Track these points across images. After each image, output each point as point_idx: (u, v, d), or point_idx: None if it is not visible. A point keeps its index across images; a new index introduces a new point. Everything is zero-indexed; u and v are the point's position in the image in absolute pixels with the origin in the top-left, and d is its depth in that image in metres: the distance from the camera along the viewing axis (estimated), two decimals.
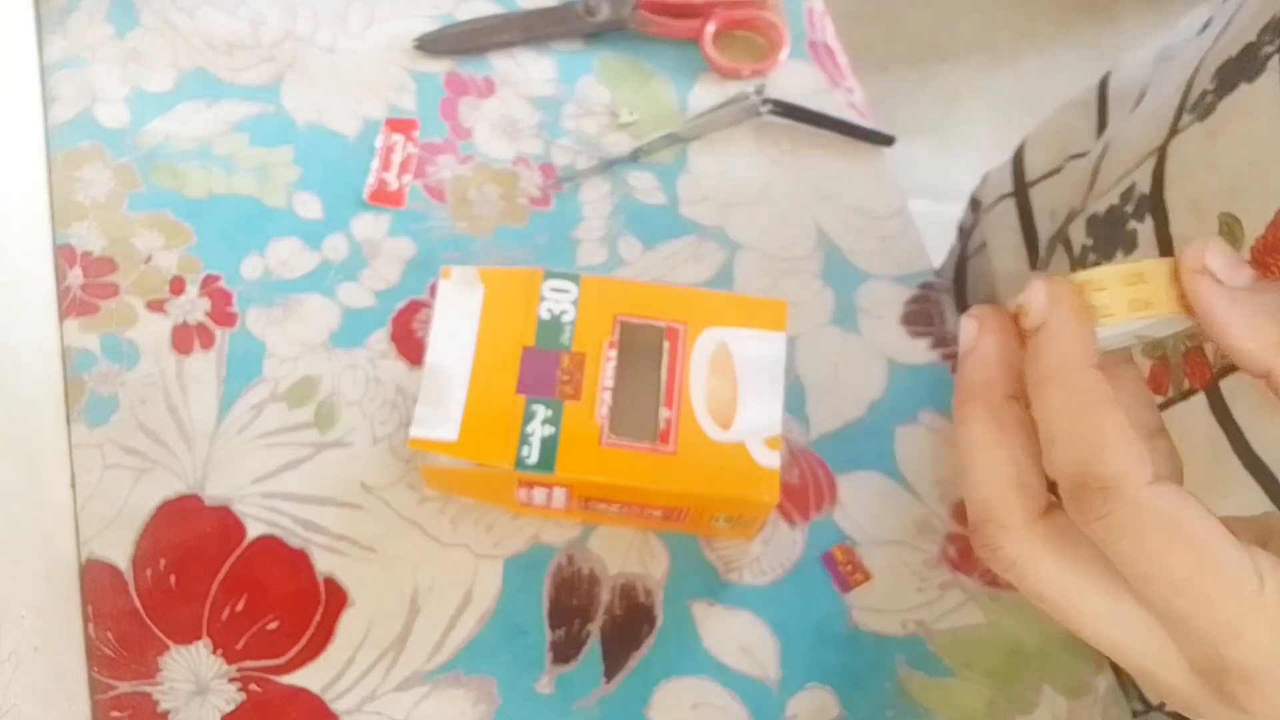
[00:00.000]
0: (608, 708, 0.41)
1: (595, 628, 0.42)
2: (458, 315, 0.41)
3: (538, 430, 0.39)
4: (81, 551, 0.42)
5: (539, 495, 0.41)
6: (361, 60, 0.54)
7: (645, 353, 0.41)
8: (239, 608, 0.41)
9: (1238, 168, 0.33)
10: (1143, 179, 0.38)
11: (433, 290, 0.48)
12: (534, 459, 0.38)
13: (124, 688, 0.40)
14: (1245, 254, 0.33)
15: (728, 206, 0.52)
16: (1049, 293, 0.24)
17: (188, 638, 0.41)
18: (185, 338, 0.46)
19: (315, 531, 0.43)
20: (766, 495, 0.39)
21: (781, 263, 0.51)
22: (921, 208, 0.54)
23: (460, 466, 0.39)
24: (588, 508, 0.42)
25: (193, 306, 0.47)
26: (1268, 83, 0.33)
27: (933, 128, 1.46)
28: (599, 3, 0.55)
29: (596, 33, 0.55)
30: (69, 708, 0.38)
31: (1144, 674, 0.23)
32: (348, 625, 0.42)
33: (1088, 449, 0.22)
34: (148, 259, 0.47)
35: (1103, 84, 0.51)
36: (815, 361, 0.48)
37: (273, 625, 0.41)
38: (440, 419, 0.39)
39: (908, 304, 0.50)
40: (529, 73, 0.54)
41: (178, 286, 0.47)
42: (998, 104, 1.48)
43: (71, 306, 0.46)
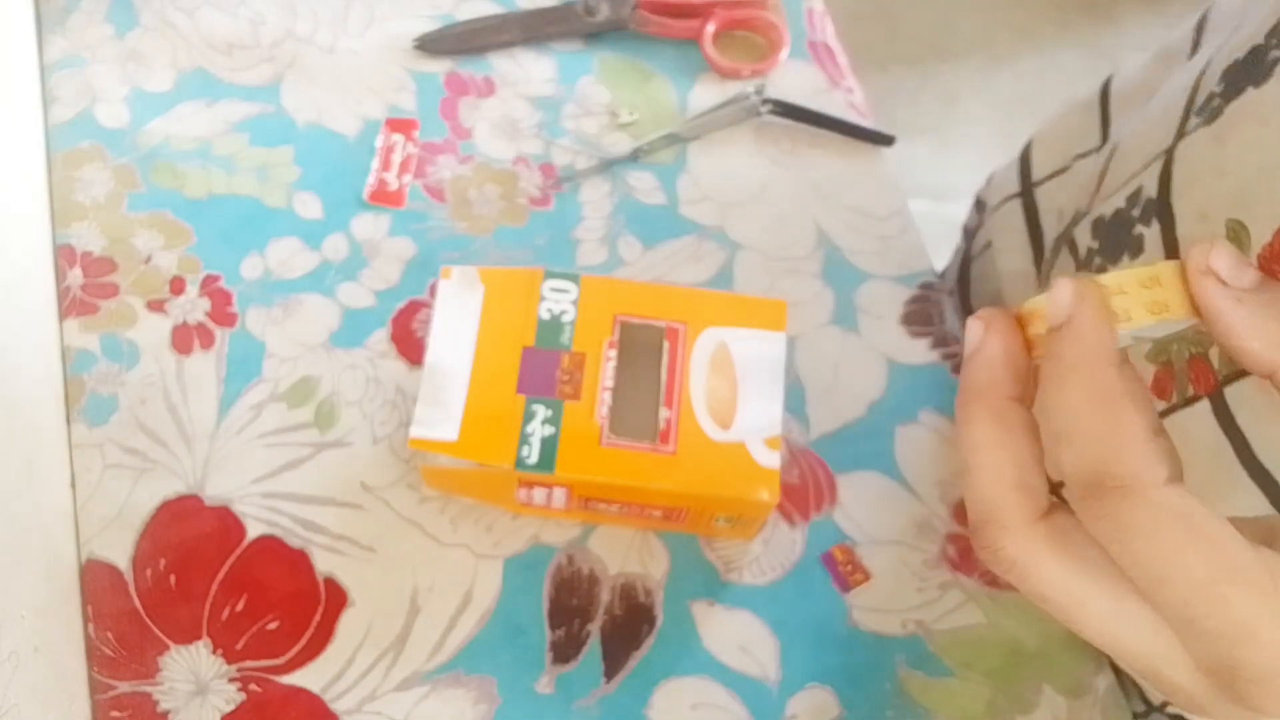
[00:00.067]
0: (608, 708, 0.41)
1: (595, 628, 0.42)
2: (458, 315, 0.41)
3: (538, 430, 0.39)
4: (81, 551, 0.42)
5: (539, 495, 0.41)
6: (361, 60, 0.54)
7: (645, 353, 0.41)
8: (239, 608, 0.41)
9: (1246, 174, 0.33)
10: (1150, 182, 0.38)
11: (433, 290, 0.48)
12: (534, 459, 0.38)
13: (124, 688, 0.40)
14: (1252, 261, 0.33)
15: (728, 206, 0.52)
16: (1076, 290, 0.23)
17: (188, 638, 0.41)
18: (185, 338, 0.46)
19: (315, 531, 0.43)
20: (766, 495, 0.39)
21: (781, 263, 0.51)
22: (921, 208, 0.54)
23: (460, 466, 0.39)
24: (588, 508, 0.42)
25: (193, 306, 0.47)
26: (1275, 88, 0.33)
27: (933, 128, 1.46)
28: (599, 3, 0.55)
29: (596, 33, 0.56)
30: (69, 708, 0.38)
31: (1148, 673, 0.23)
32: (348, 625, 0.42)
33: (1107, 447, 0.22)
34: (148, 259, 0.47)
35: (1106, 84, 0.51)
36: (815, 361, 0.48)
37: (273, 625, 0.41)
38: (440, 419, 0.39)
39: (907, 304, 0.50)
40: (529, 73, 0.54)
41: (178, 286, 0.47)
42: (998, 104, 1.48)
43: (71, 306, 0.46)
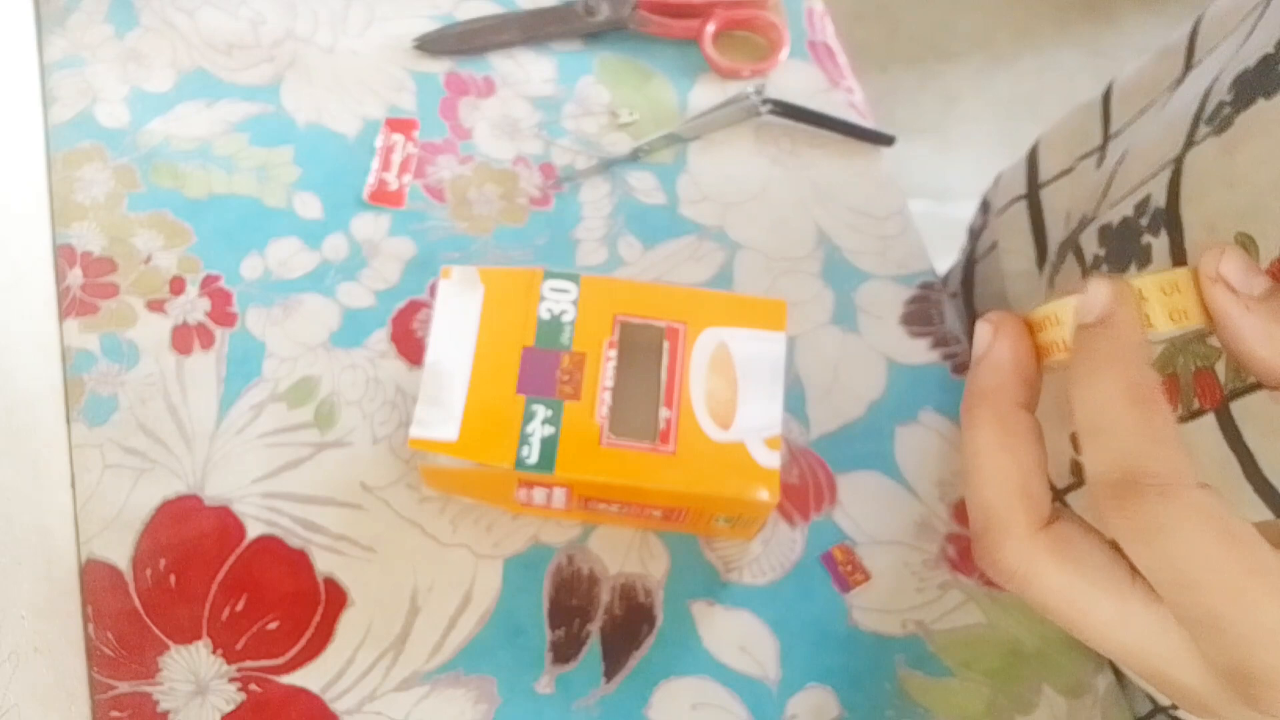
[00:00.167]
0: (608, 708, 0.41)
1: (595, 628, 0.42)
2: (458, 315, 0.41)
3: (538, 430, 0.39)
4: (81, 551, 0.42)
5: (539, 495, 0.41)
6: (361, 60, 0.54)
7: (645, 353, 0.41)
8: (239, 608, 0.41)
9: (1256, 187, 0.33)
10: (1158, 191, 0.38)
11: (433, 290, 0.48)
12: (534, 459, 0.38)
13: (124, 688, 0.40)
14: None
15: (728, 206, 0.52)
16: (1114, 289, 0.23)
17: (188, 638, 0.41)
18: (185, 338, 0.46)
19: (315, 531, 0.43)
20: (766, 495, 0.39)
21: (781, 263, 0.51)
22: (921, 208, 0.54)
23: (460, 466, 0.39)
24: (588, 508, 0.42)
25: (193, 306, 0.47)
26: None
27: (933, 128, 1.46)
28: (599, 3, 0.55)
29: (596, 33, 0.56)
30: (69, 708, 0.38)
31: (1154, 677, 0.23)
32: (347, 625, 0.42)
33: (1141, 442, 0.22)
34: (148, 259, 0.47)
35: (1110, 85, 0.51)
36: (815, 361, 0.48)
37: (273, 625, 0.41)
38: (440, 419, 0.39)
39: (907, 304, 0.50)
40: (529, 73, 0.54)
41: (178, 286, 0.47)
42: (998, 104, 1.48)
43: (71, 306, 0.46)
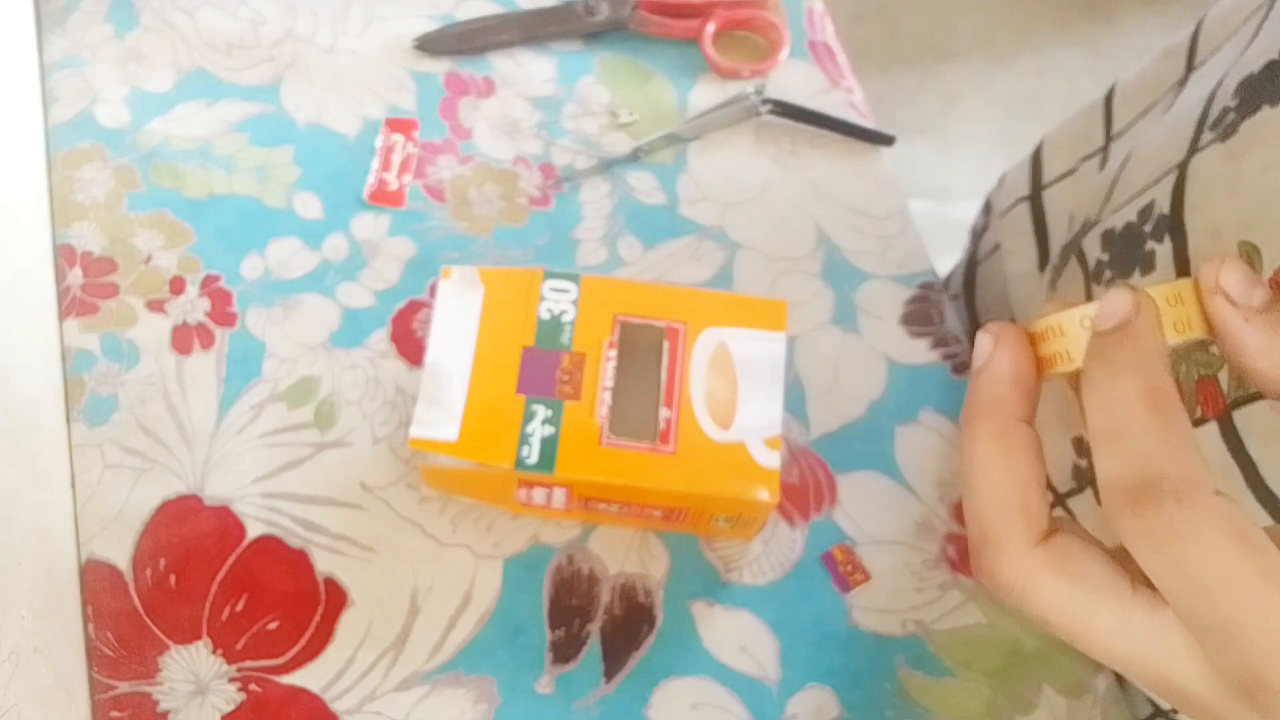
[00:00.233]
0: (608, 708, 0.41)
1: (595, 628, 0.42)
2: (458, 315, 0.41)
3: (538, 430, 0.39)
4: (81, 551, 0.42)
5: (539, 495, 0.41)
6: (361, 60, 0.54)
7: (645, 353, 0.41)
8: (239, 608, 0.41)
9: (1260, 195, 0.33)
10: (1162, 197, 0.38)
11: (433, 290, 0.48)
12: (534, 459, 0.38)
13: (124, 688, 0.40)
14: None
15: (728, 206, 0.52)
16: (1136, 297, 0.23)
17: (188, 638, 0.41)
18: (185, 338, 0.46)
19: (315, 531, 0.43)
20: (766, 495, 0.39)
21: (781, 263, 0.51)
22: (921, 208, 0.54)
23: (460, 466, 0.39)
24: (588, 508, 0.42)
25: (193, 306, 0.47)
26: None
27: (933, 128, 1.46)
28: (599, 3, 0.55)
29: (596, 33, 0.56)
30: (69, 708, 0.38)
31: (1157, 684, 0.23)
32: (347, 625, 0.42)
33: (1161, 447, 0.22)
34: (148, 259, 0.47)
35: (1112, 87, 0.51)
36: (815, 361, 0.48)
37: (273, 625, 0.41)
38: (440, 419, 0.39)
39: (907, 304, 0.50)
40: (529, 73, 0.54)
41: (178, 286, 0.47)
42: (998, 104, 1.48)
43: (71, 306, 0.46)
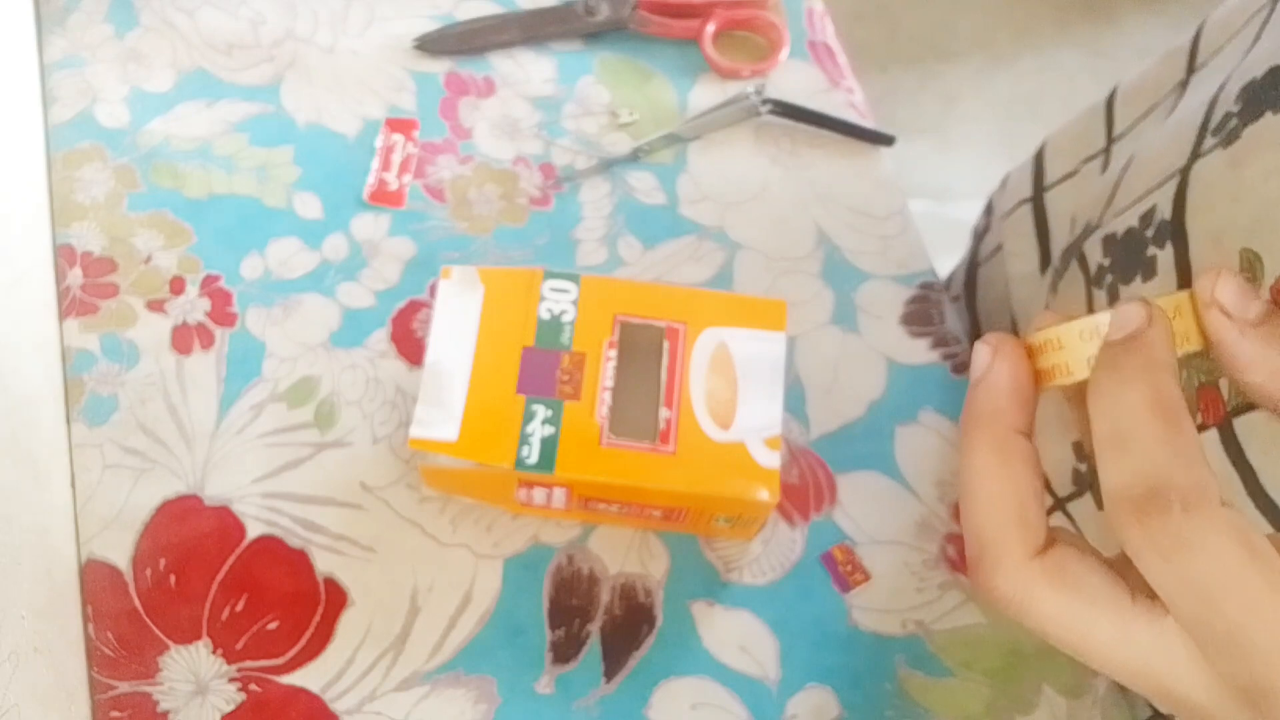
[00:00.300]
0: (608, 708, 0.41)
1: (595, 628, 0.42)
2: (458, 315, 0.41)
3: (538, 430, 0.39)
4: (81, 551, 0.42)
5: (539, 495, 0.41)
6: (361, 60, 0.54)
7: (645, 353, 0.41)
8: (239, 608, 0.41)
9: (1262, 202, 0.33)
10: (1164, 202, 0.37)
11: (433, 290, 0.48)
12: (534, 459, 0.38)
13: (124, 688, 0.40)
14: (1264, 293, 0.32)
15: (728, 206, 0.52)
16: (1148, 310, 0.23)
17: (188, 638, 0.41)
18: (185, 338, 0.46)
19: (315, 531, 0.43)
20: (766, 495, 0.39)
21: (781, 263, 0.51)
22: (921, 208, 0.54)
23: (460, 466, 0.39)
24: (588, 508, 0.42)
25: (193, 306, 0.47)
26: None
27: (933, 128, 1.46)
28: (599, 3, 0.55)
29: (596, 33, 0.56)
30: (69, 708, 0.38)
31: (1158, 693, 0.23)
32: (347, 625, 0.42)
33: (1169, 456, 0.22)
34: (148, 259, 0.47)
35: (1114, 89, 0.51)
36: (815, 361, 0.48)
37: (273, 625, 0.41)
38: (440, 419, 0.39)
39: (907, 304, 0.50)
40: (529, 73, 0.54)
41: (178, 286, 0.47)
42: (998, 104, 1.48)
43: (71, 306, 0.46)
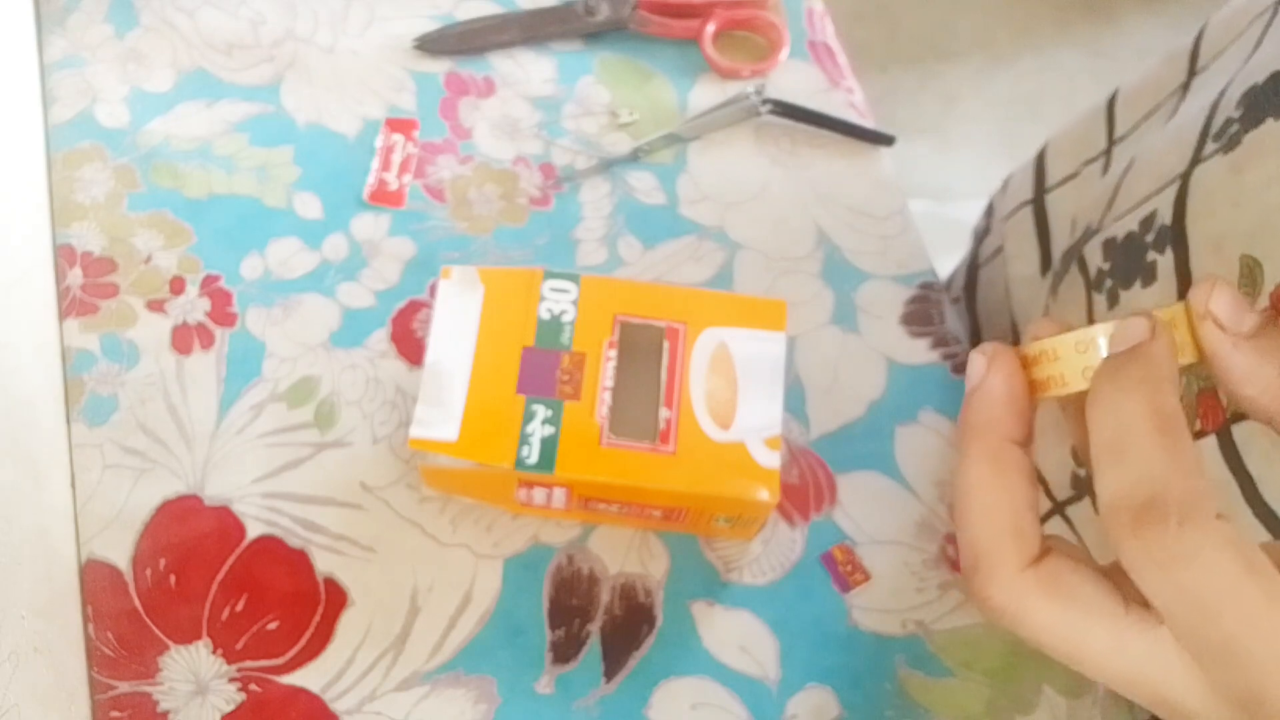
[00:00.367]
0: (608, 708, 0.41)
1: (595, 628, 0.42)
2: (458, 315, 0.41)
3: (538, 430, 0.39)
4: (81, 551, 0.42)
5: (539, 495, 0.41)
6: (361, 60, 0.54)
7: (645, 353, 0.41)
8: (239, 608, 0.41)
9: (1263, 209, 0.33)
10: (1164, 207, 0.37)
11: (433, 290, 0.48)
12: (534, 459, 0.38)
13: (124, 688, 0.40)
14: (1264, 299, 0.32)
15: (727, 206, 0.52)
16: (1153, 323, 0.23)
17: (188, 638, 0.41)
18: (185, 338, 0.46)
19: (315, 531, 0.43)
20: (766, 495, 0.39)
21: (781, 263, 0.51)
22: (921, 208, 0.54)
23: (460, 466, 0.39)
24: (588, 508, 0.42)
25: (193, 306, 0.47)
26: None
27: (933, 128, 1.46)
28: (599, 3, 0.55)
29: (596, 33, 0.56)
30: (69, 708, 0.38)
31: (1157, 702, 0.23)
32: (347, 625, 0.42)
33: (1167, 469, 0.22)
34: (148, 259, 0.47)
35: (1115, 91, 0.50)
36: (815, 361, 0.48)
37: (273, 625, 0.41)
38: (440, 419, 0.39)
39: (907, 304, 0.50)
40: (529, 73, 0.54)
41: (178, 286, 0.47)
42: (998, 104, 1.48)
43: (71, 306, 0.46)
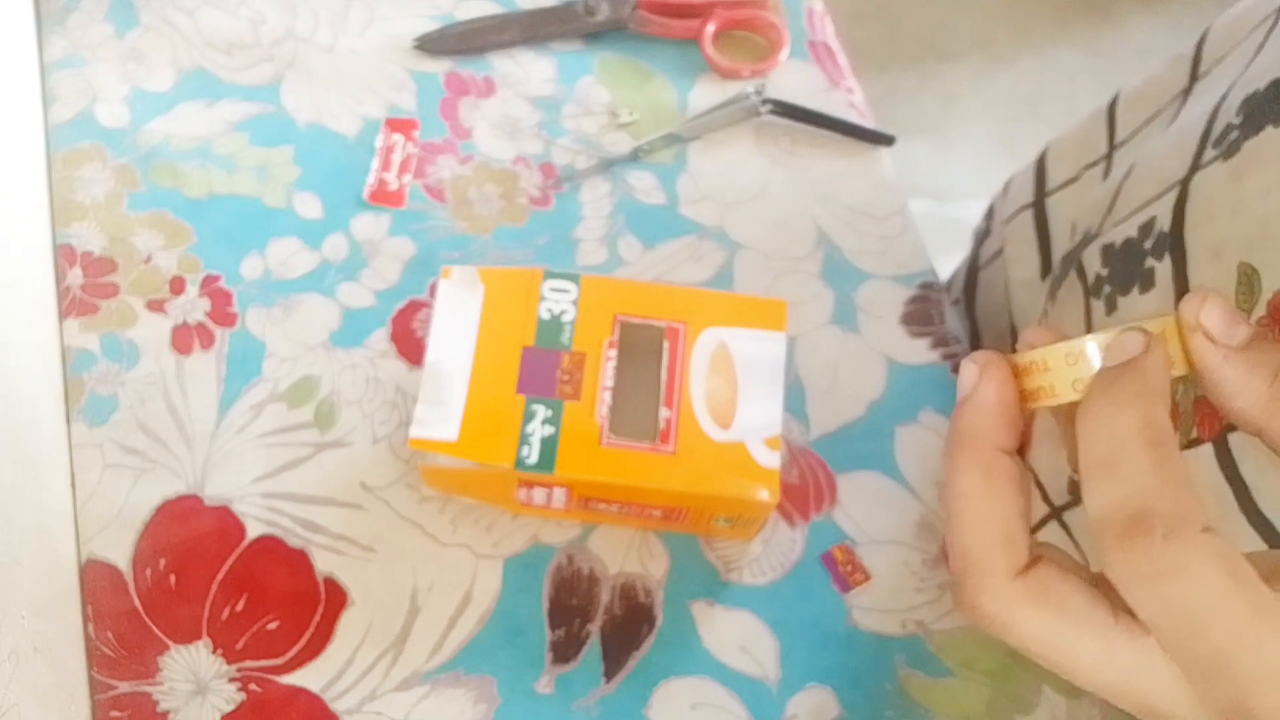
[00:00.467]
0: (607, 707, 0.41)
1: (595, 627, 0.42)
2: (458, 315, 0.41)
3: (538, 430, 0.39)
4: (81, 551, 0.42)
5: (539, 495, 0.41)
6: (361, 60, 0.54)
7: (645, 352, 0.41)
8: (239, 608, 0.41)
9: (1261, 217, 0.32)
10: (1163, 213, 0.37)
11: (433, 290, 0.48)
12: (534, 459, 0.38)
13: (124, 687, 0.40)
14: (1261, 308, 0.32)
15: (727, 206, 0.52)
16: (1147, 338, 0.23)
17: (187, 637, 0.41)
18: (185, 337, 0.46)
19: (315, 531, 0.43)
20: (766, 495, 0.39)
21: (781, 263, 0.51)
22: (921, 208, 0.54)
23: (460, 466, 0.39)
24: (588, 508, 0.42)
25: (193, 306, 0.47)
26: None
27: (933, 128, 1.46)
28: (599, 2, 0.55)
29: (596, 33, 0.55)
30: (69, 708, 0.38)
31: (1146, 711, 0.23)
32: (347, 625, 0.42)
33: (1155, 482, 0.22)
34: (148, 259, 0.47)
35: (1116, 94, 0.50)
36: (815, 361, 0.48)
37: (272, 625, 0.41)
38: (440, 419, 0.39)
39: (907, 304, 0.50)
40: (529, 73, 0.54)
41: (178, 286, 0.47)
42: (998, 104, 1.48)
43: (71, 306, 0.46)
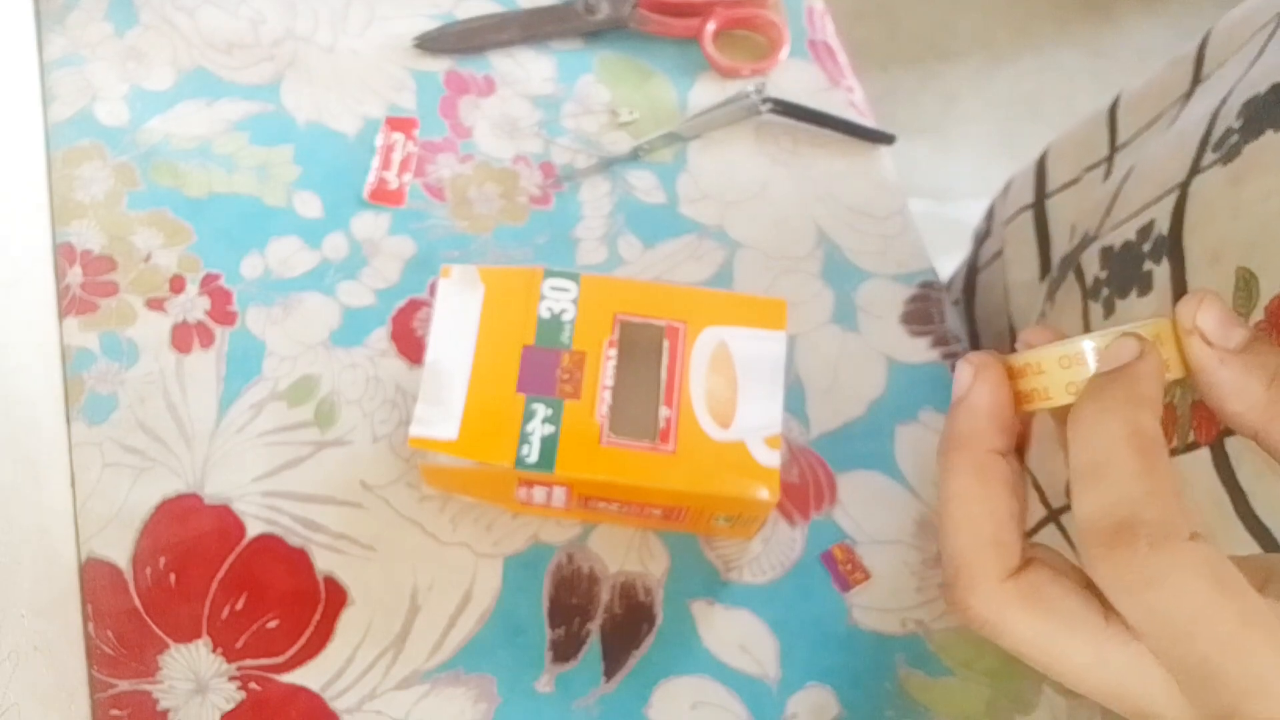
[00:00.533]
0: (607, 707, 0.41)
1: (595, 627, 0.42)
2: (458, 314, 0.41)
3: (538, 429, 0.39)
4: (81, 550, 0.42)
5: (539, 494, 0.41)
6: (361, 59, 0.54)
7: (645, 352, 0.41)
8: (239, 606, 0.41)
9: (1260, 221, 0.32)
10: (1162, 217, 0.37)
11: (433, 289, 0.48)
12: (534, 458, 0.38)
13: (124, 686, 0.40)
14: (1259, 313, 0.32)
15: (728, 206, 0.52)
16: (1142, 344, 0.23)
17: (187, 636, 0.41)
18: (185, 336, 0.46)
19: (315, 530, 0.43)
20: (766, 494, 0.39)
21: (781, 262, 0.51)
22: (921, 208, 0.54)
23: (460, 465, 0.39)
24: (588, 507, 0.42)
25: (192, 305, 0.47)
26: None
27: (933, 127, 1.46)
28: (599, 1, 0.55)
29: (596, 31, 0.55)
30: (69, 707, 0.38)
31: (1136, 713, 0.23)
32: (347, 624, 0.42)
33: (1141, 490, 0.22)
34: (147, 257, 0.47)
35: (1117, 96, 0.50)
36: (815, 361, 0.48)
37: (272, 624, 0.41)
38: (440, 418, 0.39)
39: (907, 303, 0.50)
40: (529, 72, 0.54)
41: (177, 285, 0.47)
42: (998, 104, 1.48)
43: (71, 305, 0.46)
